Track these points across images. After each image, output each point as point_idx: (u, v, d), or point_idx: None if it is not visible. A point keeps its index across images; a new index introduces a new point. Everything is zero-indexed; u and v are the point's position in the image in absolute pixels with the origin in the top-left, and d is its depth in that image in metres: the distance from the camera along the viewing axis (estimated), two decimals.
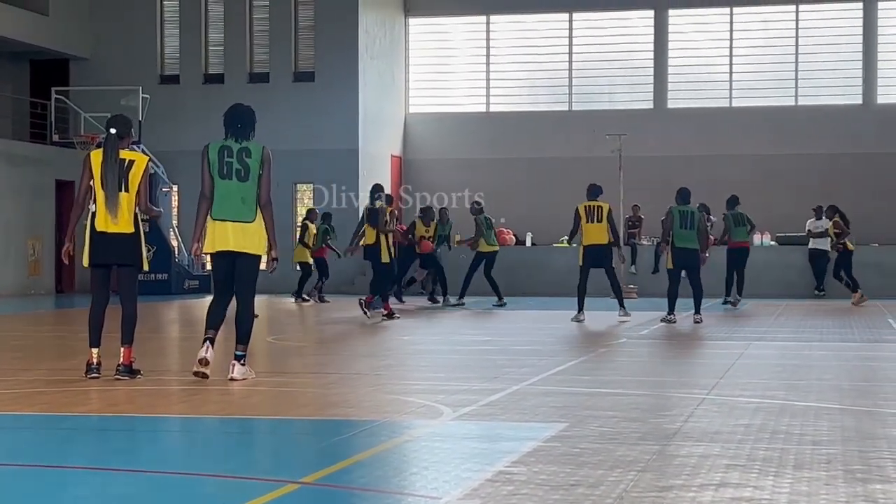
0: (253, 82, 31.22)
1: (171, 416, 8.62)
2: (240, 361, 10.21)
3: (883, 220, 30.14)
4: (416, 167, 32.94)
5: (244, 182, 10.12)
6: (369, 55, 31.11)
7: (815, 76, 31.65)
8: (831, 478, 6.10)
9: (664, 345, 15.27)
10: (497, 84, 33.11)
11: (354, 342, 15.53)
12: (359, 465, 6.55)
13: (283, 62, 31.06)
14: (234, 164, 10.13)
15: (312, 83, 30.85)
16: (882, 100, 31.24)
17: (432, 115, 33.21)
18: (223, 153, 10.17)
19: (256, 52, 31.43)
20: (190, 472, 6.39)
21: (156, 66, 31.43)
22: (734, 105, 31.85)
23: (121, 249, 10.28)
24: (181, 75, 31.31)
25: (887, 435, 7.50)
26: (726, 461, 6.53)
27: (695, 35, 32.26)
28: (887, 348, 14.51)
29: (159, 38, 31.66)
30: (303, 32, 31.22)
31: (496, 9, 32.90)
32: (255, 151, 10.21)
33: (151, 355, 10.71)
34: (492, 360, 12.78)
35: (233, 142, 10.22)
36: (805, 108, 31.45)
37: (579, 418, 8.11)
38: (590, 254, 18.93)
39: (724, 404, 8.92)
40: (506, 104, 33.04)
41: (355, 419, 8.30)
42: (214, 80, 31.32)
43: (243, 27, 31.27)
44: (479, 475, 6.14)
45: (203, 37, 31.53)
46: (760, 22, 32.04)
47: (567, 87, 32.74)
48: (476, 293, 25.34)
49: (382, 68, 31.91)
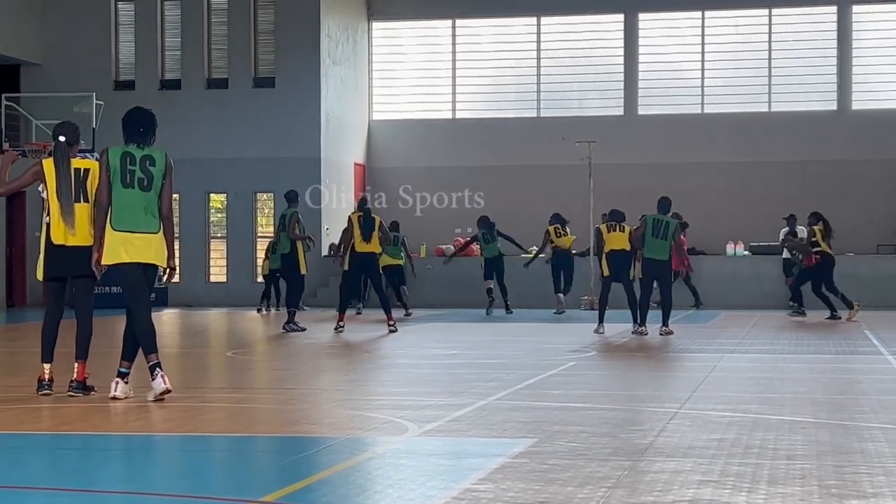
0: (211, 88, 31.15)
1: (127, 434, 8.58)
2: (123, 379, 10.07)
3: (859, 230, 30.34)
4: (381, 175, 32.93)
5: (147, 191, 9.91)
6: (331, 60, 31.10)
7: (788, 82, 31.84)
8: (806, 493, 6.14)
9: (636, 358, 15.32)
10: (463, 90, 33.15)
11: (316, 356, 15.50)
12: (321, 483, 6.55)
13: (243, 67, 31.01)
14: (137, 172, 9.90)
15: (273, 89, 30.79)
16: (857, 106, 31.46)
17: (397, 122, 33.22)
18: (125, 160, 9.93)
19: (215, 58, 31.36)
20: (146, 491, 6.36)
21: (110, 72, 31.31)
22: (706, 112, 31.99)
23: (79, 262, 10.23)
24: (136, 81, 31.20)
25: (863, 449, 7.56)
26: (699, 477, 6.56)
27: (666, 40, 32.40)
28: (863, 360, 14.60)
29: (114, 43, 31.54)
30: (262, 37, 31.18)
31: (462, 13, 32.95)
32: (158, 159, 9.99)
33: (106, 371, 10.65)
34: (458, 374, 12.79)
35: (135, 148, 9.99)
36: (779, 115, 31.64)
37: (548, 434, 8.12)
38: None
39: (696, 418, 8.96)
40: (472, 111, 33.09)
41: (317, 436, 8.29)
42: (171, 86, 31.23)
43: (201, 31, 31.20)
44: (445, 493, 6.15)
45: (159, 41, 31.43)
46: (733, 26, 32.21)
47: (535, 93, 32.81)
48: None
49: (345, 74, 31.90)
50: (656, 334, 18.28)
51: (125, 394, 10.02)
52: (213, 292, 30.14)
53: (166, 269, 10.05)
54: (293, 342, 17.67)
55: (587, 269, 27.20)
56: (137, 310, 9.98)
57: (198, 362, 15.13)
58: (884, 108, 31.29)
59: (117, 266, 9.94)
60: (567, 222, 25.85)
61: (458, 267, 28.79)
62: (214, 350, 17.38)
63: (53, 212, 10.24)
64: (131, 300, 9.99)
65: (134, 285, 9.95)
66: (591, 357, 15.03)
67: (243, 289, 29.86)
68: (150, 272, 10.05)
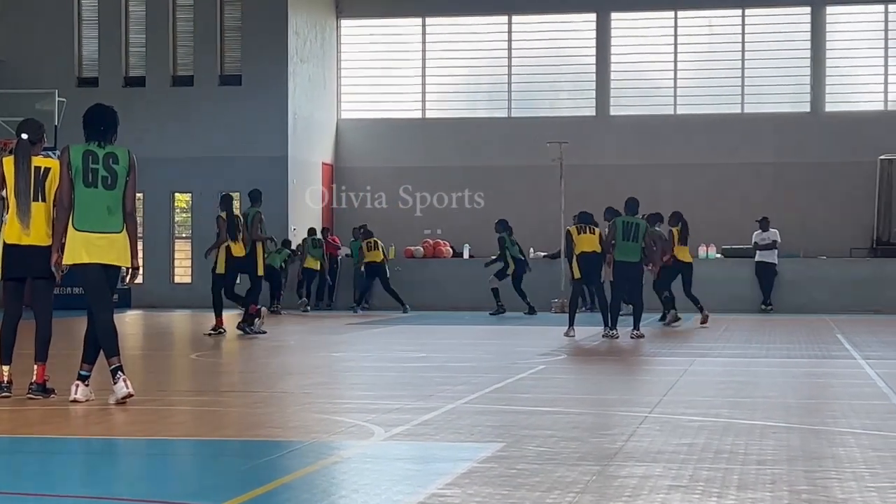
0: (176, 86, 31.03)
1: (88, 437, 8.54)
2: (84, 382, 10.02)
3: (832, 233, 30.50)
4: (349, 175, 32.89)
5: (111, 190, 9.83)
6: (299, 58, 31.04)
7: (762, 83, 31.98)
8: (776, 499, 6.17)
9: (606, 361, 15.36)
10: (433, 89, 33.15)
11: (282, 359, 15.47)
12: (285, 487, 6.53)
13: (208, 65, 30.91)
14: (100, 170, 9.82)
15: (239, 87, 30.70)
16: (830, 108, 31.62)
17: (365, 122, 33.19)
18: (88, 159, 9.85)
19: (180, 54, 31.25)
20: (107, 496, 6.33)
21: (73, 69, 31.16)
22: (679, 113, 32.10)
23: (36, 262, 10.16)
24: (100, 78, 31.06)
25: (834, 454, 7.59)
26: (668, 482, 6.58)
27: (638, 40, 32.48)
28: (835, 364, 14.68)
29: (76, 39, 31.39)
30: (229, 34, 31.09)
31: (432, 11, 32.95)
32: (122, 157, 9.91)
33: (67, 374, 10.59)
34: (426, 377, 12.78)
35: (96, 146, 9.92)
36: (752, 116, 31.77)
37: (517, 438, 8.13)
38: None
39: (666, 423, 8.98)
40: (442, 110, 33.08)
41: (282, 440, 8.27)
42: (135, 84, 31.09)
43: (166, 28, 31.08)
44: (411, 498, 6.14)
45: (123, 38, 31.30)
46: (706, 27, 32.34)
47: (506, 93, 32.84)
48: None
49: (313, 72, 31.85)
50: (627, 338, 18.32)
51: (86, 397, 9.96)
52: (177, 293, 30.03)
53: (129, 269, 10.00)
54: (259, 344, 17.63)
55: (558, 272, 27.25)
56: (99, 311, 9.92)
57: (161, 365, 15.08)
58: (857, 110, 31.47)
59: (79, 266, 9.88)
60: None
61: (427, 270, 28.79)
62: (178, 352, 17.31)
63: (11, 210, 10.18)
64: (93, 301, 9.94)
65: (95, 286, 9.90)
66: (561, 361, 15.05)
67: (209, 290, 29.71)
68: (112, 273, 9.99)
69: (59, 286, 10.58)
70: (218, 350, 17.13)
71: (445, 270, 29.56)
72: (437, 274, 28.81)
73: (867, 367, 13.81)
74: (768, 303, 27.80)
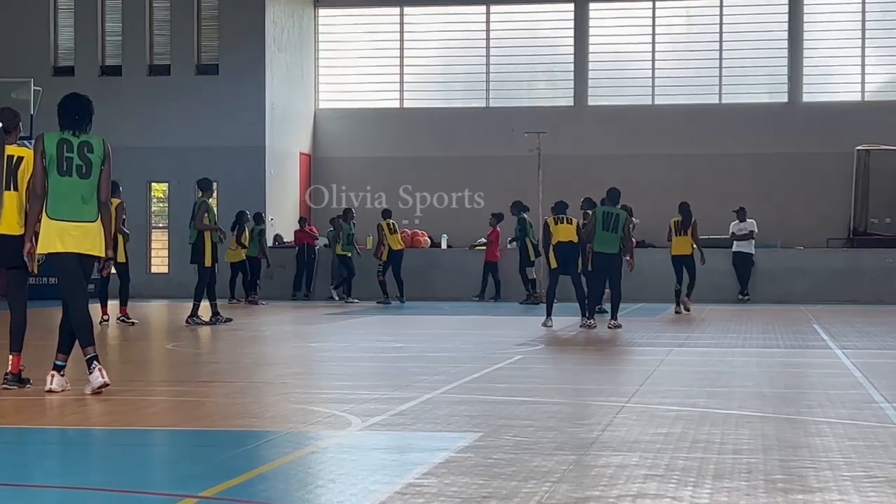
0: (153, 75, 30.94)
1: (63, 427, 8.52)
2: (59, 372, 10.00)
3: (809, 223, 30.61)
4: (327, 165, 32.85)
5: (85, 179, 9.80)
6: (277, 47, 30.97)
7: (739, 73, 32.06)
8: (752, 488, 6.20)
9: (583, 351, 15.40)
10: (411, 79, 33.13)
11: (258, 349, 15.46)
12: (261, 478, 6.53)
13: (185, 54, 30.82)
14: (74, 159, 9.80)
15: (216, 76, 30.63)
16: (808, 98, 31.71)
17: (343, 111, 33.14)
18: (62, 147, 9.82)
19: (156, 43, 31.15)
20: (82, 486, 6.32)
21: (48, 58, 31.03)
22: (657, 103, 32.15)
23: (7, 252, 10.12)
24: (76, 67, 30.94)
25: (810, 444, 7.63)
26: (644, 471, 6.61)
27: (616, 30, 32.51)
28: (811, 354, 14.75)
29: (52, 28, 31.25)
30: (206, 22, 31.00)
31: (410, 0, 32.91)
32: (97, 146, 9.89)
33: (42, 364, 10.56)
34: (404, 367, 12.80)
35: (70, 135, 9.88)
36: (729, 107, 31.85)
37: (493, 427, 8.15)
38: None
39: (643, 412, 9.01)
40: (420, 100, 33.06)
41: (258, 430, 8.27)
42: (112, 73, 30.99)
43: (142, 16, 30.97)
44: (388, 488, 6.15)
45: (99, 26, 31.17)
46: (684, 16, 32.40)
47: (484, 82, 32.84)
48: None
49: (291, 61, 31.79)
50: (605, 328, 18.36)
51: (61, 387, 9.94)
52: (154, 283, 29.96)
53: (106, 259, 9.98)
54: (236, 335, 17.62)
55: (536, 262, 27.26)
56: (74, 301, 9.90)
57: (137, 355, 15.05)
58: (834, 101, 31.57)
59: (53, 256, 9.85)
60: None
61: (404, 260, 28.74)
62: (155, 342, 17.28)
63: None
64: (67, 291, 9.91)
65: (70, 276, 9.87)
66: (539, 351, 15.08)
67: (185, 280, 29.66)
68: (86, 263, 9.96)
69: (35, 276, 10.54)
70: (195, 340, 17.10)
71: (423, 261, 29.55)
72: (415, 264, 28.79)
73: (843, 357, 13.88)
74: (745, 293, 27.89)
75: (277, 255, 28.86)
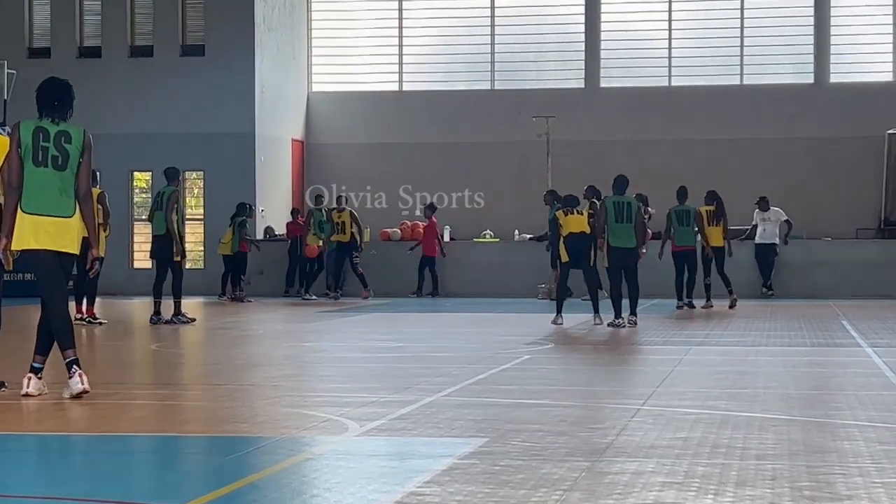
0: (134, 56, 30.93)
1: (41, 433, 8.54)
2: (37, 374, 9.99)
3: (836, 212, 30.60)
4: (320, 152, 32.86)
5: (62, 171, 9.77)
6: (266, 27, 30.98)
7: (762, 53, 32.03)
8: (777, 496, 6.20)
9: (596, 350, 15.41)
10: (411, 60, 33.11)
11: (248, 349, 15.48)
12: (252, 486, 6.54)
13: (169, 34, 30.81)
14: (50, 149, 9.77)
15: (202, 58, 30.63)
16: (835, 79, 31.71)
17: (338, 95, 33.14)
18: (38, 136, 9.79)
19: (138, 23, 31.15)
20: (61, 496, 6.34)
21: (23, 39, 31.03)
22: (673, 84, 32.14)
23: None
24: (52, 48, 30.96)
25: (838, 448, 7.64)
26: (662, 478, 6.61)
27: (631, 6, 32.50)
28: (840, 353, 14.75)
29: (27, 7, 31.26)
30: (191, 0, 31.00)
31: None
32: (75, 136, 9.86)
33: (18, 365, 10.58)
34: (404, 368, 12.81)
35: (49, 123, 9.85)
36: (751, 88, 31.83)
37: (500, 432, 8.16)
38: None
39: (660, 416, 9.02)
40: (420, 82, 33.06)
41: (248, 436, 8.29)
42: (91, 54, 31.00)
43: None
44: (388, 497, 6.17)
45: (77, 5, 31.17)
46: None
47: (489, 63, 32.83)
48: None
49: (282, 42, 31.79)
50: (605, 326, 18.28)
51: (39, 390, 9.95)
52: (137, 279, 29.94)
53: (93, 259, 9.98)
54: (224, 334, 17.64)
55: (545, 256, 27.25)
56: (52, 301, 9.90)
57: (120, 356, 15.07)
58: (864, 82, 31.57)
59: (30, 253, 9.85)
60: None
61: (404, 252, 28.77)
62: (138, 343, 17.31)
63: None
64: (46, 290, 9.91)
65: (49, 274, 9.87)
66: (548, 350, 15.09)
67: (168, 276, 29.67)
68: (66, 260, 9.96)
69: (9, 272, 10.54)
70: (180, 341, 17.12)
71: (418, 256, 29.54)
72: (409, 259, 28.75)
73: (874, 356, 13.88)
74: (769, 286, 27.88)
75: (267, 250, 28.82)
